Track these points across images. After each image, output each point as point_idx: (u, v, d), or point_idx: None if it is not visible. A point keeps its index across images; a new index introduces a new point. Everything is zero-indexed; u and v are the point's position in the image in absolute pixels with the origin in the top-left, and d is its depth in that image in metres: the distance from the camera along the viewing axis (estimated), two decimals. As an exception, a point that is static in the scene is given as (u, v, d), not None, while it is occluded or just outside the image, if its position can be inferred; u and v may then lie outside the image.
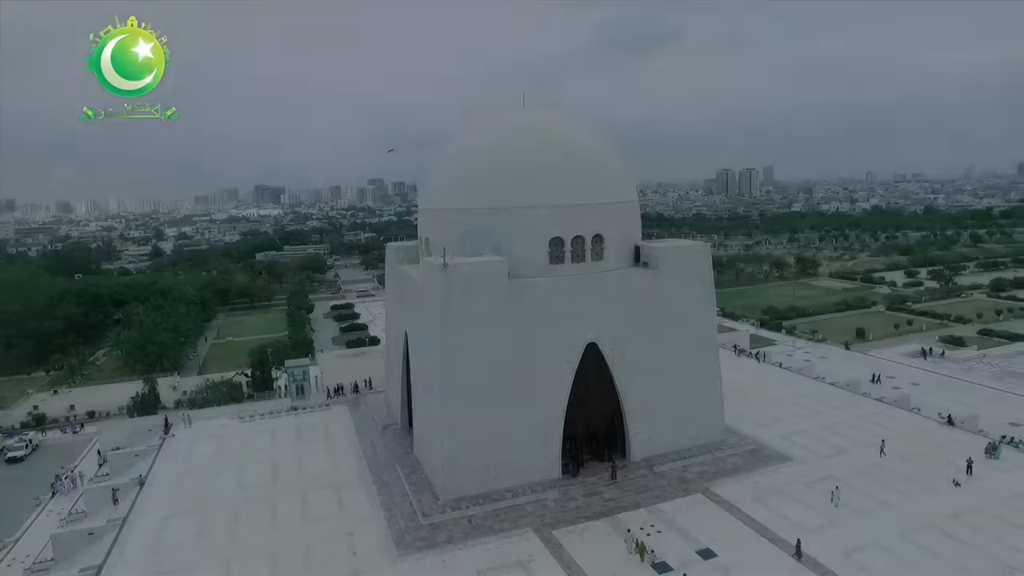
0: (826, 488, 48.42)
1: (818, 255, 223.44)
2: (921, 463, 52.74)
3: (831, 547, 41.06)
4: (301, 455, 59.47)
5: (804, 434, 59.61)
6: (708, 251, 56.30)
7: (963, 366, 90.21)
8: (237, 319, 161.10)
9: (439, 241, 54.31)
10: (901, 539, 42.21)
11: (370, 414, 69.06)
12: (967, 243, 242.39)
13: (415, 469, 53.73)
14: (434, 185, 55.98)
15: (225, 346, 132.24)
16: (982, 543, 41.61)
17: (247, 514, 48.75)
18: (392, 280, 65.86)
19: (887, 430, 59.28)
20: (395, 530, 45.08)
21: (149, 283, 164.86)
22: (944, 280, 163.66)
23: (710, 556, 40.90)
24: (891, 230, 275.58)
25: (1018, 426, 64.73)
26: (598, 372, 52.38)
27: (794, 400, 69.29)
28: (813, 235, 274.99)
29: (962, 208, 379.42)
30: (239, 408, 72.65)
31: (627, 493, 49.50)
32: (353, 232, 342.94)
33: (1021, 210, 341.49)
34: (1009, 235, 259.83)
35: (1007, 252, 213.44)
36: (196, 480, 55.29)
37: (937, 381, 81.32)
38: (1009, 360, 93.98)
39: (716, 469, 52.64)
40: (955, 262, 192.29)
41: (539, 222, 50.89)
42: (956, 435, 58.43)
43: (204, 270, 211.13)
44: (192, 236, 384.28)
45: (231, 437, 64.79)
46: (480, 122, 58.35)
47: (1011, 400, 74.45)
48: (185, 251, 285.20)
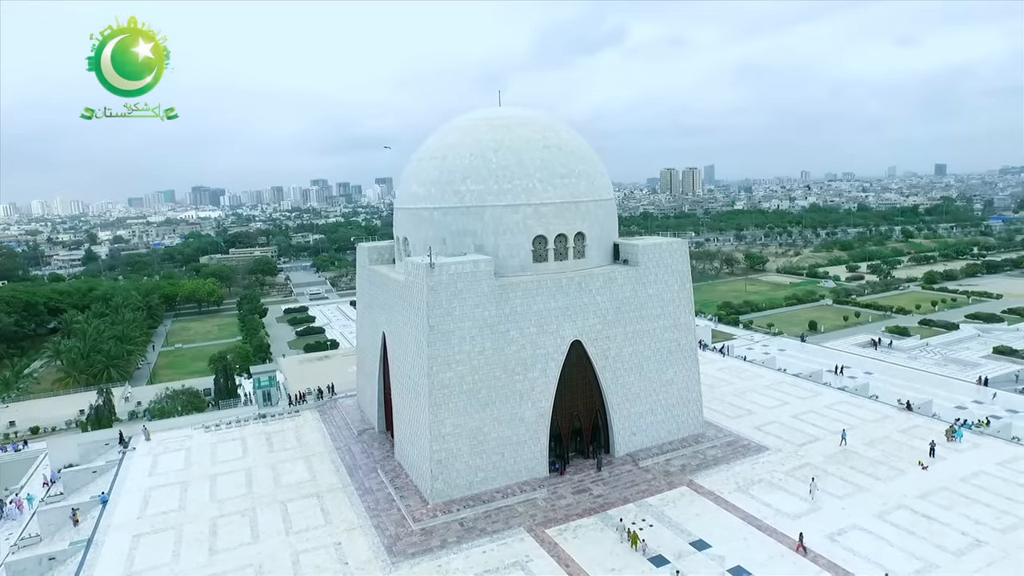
0: (804, 475, 50.12)
1: (764, 251, 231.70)
2: (888, 448, 55.28)
3: (816, 532, 42.46)
4: (276, 464, 57.41)
5: (776, 424, 61.53)
6: (686, 247, 57.36)
7: (910, 355, 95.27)
8: (185, 325, 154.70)
9: (418, 240, 53.48)
10: (879, 520, 44.11)
11: (343, 419, 67.30)
12: (899, 239, 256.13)
13: (398, 473, 52.66)
14: (412, 184, 54.93)
15: (176, 353, 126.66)
16: (951, 520, 43.97)
17: (225, 528, 46.65)
18: (365, 281, 64.34)
19: (853, 418, 61.96)
20: (386, 537, 44.02)
21: (87, 289, 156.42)
22: (883, 274, 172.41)
23: (704, 547, 41.65)
24: (830, 226, 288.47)
25: (964, 409, 68.68)
26: (582, 369, 52.64)
27: (762, 392, 71.45)
28: (758, 232, 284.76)
29: (891, 206, 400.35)
30: (203, 417, 69.48)
31: (615, 489, 49.88)
32: (301, 234, 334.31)
33: (942, 208, 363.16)
34: (935, 231, 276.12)
35: (935, 247, 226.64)
36: (165, 495, 52.57)
37: (888, 370, 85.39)
38: (949, 348, 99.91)
39: (698, 461, 53.67)
40: (890, 257, 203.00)
41: (523, 221, 50.72)
42: (915, 420, 61.49)
43: (146, 275, 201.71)
44: (128, 239, 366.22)
45: (198, 448, 61.94)
46: (456, 120, 57.61)
47: (955, 385, 79.07)
48: (122, 255, 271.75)
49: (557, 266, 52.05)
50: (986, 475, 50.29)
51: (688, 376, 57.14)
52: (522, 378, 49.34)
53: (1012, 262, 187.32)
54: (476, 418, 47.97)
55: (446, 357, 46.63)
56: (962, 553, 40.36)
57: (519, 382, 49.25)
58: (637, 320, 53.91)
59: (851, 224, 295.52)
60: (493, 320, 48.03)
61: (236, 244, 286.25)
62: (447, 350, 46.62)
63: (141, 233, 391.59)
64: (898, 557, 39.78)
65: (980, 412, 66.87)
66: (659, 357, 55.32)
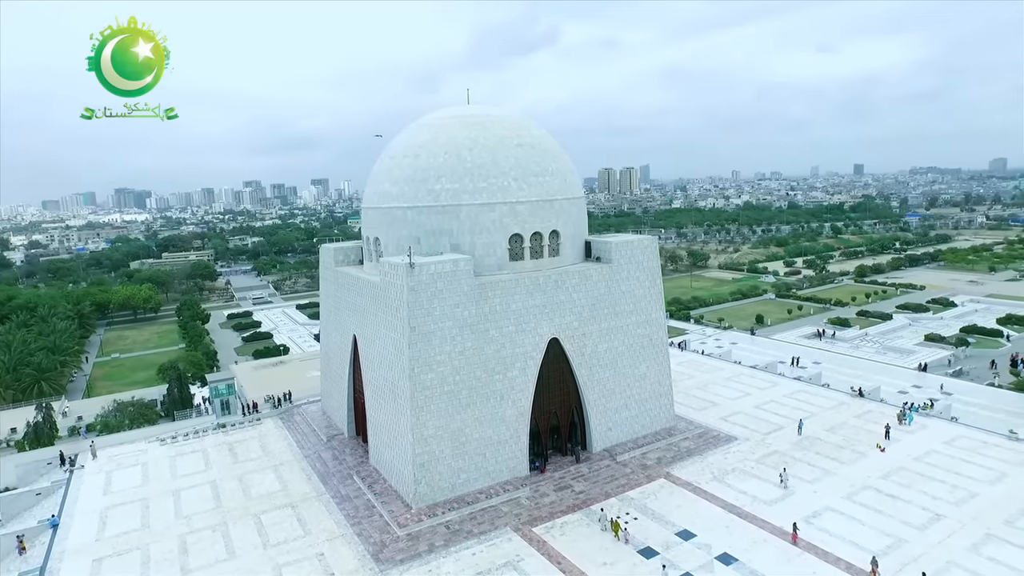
0: (774, 463, 52.06)
1: (705, 248, 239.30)
2: (847, 433, 58.08)
3: (792, 516, 44.12)
4: (243, 475, 55.02)
5: (741, 415, 63.62)
6: (656, 244, 58.50)
7: (852, 344, 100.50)
8: (120, 333, 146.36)
9: (392, 240, 52.47)
10: (848, 501, 46.29)
11: (308, 426, 65.21)
12: (829, 235, 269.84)
13: (376, 479, 51.45)
14: (383, 183, 53.74)
15: (113, 364, 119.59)
16: (912, 497, 46.68)
17: (197, 546, 44.33)
18: (331, 283, 62.52)
19: (811, 406, 64.79)
20: (371, 545, 42.89)
21: (5, 298, 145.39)
22: (818, 269, 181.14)
23: (689, 537, 42.56)
24: (764, 224, 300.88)
25: (906, 393, 72.93)
26: (559, 367, 52.90)
27: (723, 384, 73.72)
28: (698, 230, 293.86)
29: (818, 204, 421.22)
30: (157, 430, 65.78)
31: (595, 484, 50.34)
32: (239, 237, 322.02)
33: (864, 205, 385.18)
34: (860, 227, 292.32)
35: (862, 242, 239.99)
36: (125, 514, 49.45)
37: (834, 359, 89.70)
38: (885, 337, 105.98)
39: (672, 454, 54.85)
40: (823, 252, 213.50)
41: (499, 219, 50.51)
42: (868, 405, 64.88)
43: (71, 281, 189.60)
44: (47, 244, 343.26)
45: (155, 462, 58.65)
46: (426, 118, 56.77)
47: (896, 371, 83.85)
48: (42, 261, 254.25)
49: (533, 264, 52.10)
50: (936, 453, 53.62)
51: (660, 370, 58.32)
52: (502, 377, 49.13)
53: (930, 256, 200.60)
54: (458, 419, 47.44)
55: (427, 358, 45.89)
56: (925, 527, 42.86)
57: (499, 381, 49.01)
58: (611, 316, 54.60)
59: (784, 221, 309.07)
60: (473, 320, 47.61)
61: (170, 248, 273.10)
62: (428, 351, 45.88)
63: (61, 238, 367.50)
64: (870, 535, 41.83)
65: (921, 396, 71.16)
66: (632, 352, 56.22)
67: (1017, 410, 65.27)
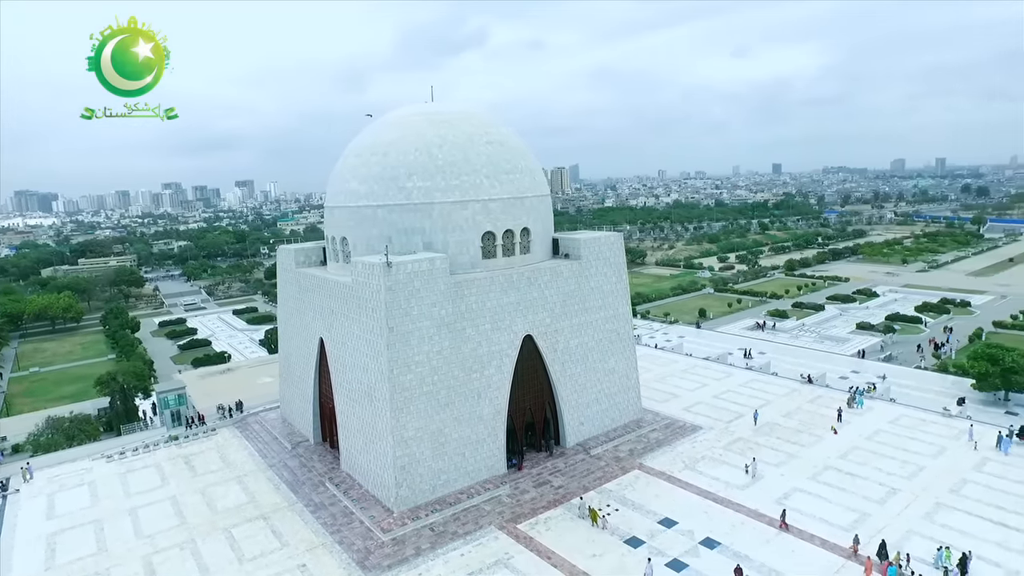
0: (740, 449, 54.20)
1: (641, 246, 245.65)
2: (803, 417, 61.13)
3: (764, 498, 46.12)
4: (204, 488, 52.32)
5: (702, 405, 65.81)
6: (622, 240, 59.61)
7: (791, 334, 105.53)
8: (37, 346, 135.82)
9: (361, 240, 51.21)
10: (813, 482, 48.76)
11: (268, 434, 62.71)
12: (757, 231, 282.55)
13: (351, 485, 50.06)
14: (350, 181, 52.30)
15: (33, 378, 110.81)
16: (869, 473, 49.68)
17: (164, 566, 41.81)
18: (291, 285, 60.31)
19: (767, 394, 67.79)
20: (354, 552, 41.70)
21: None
22: (751, 263, 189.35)
23: (671, 524, 43.67)
24: (695, 221, 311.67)
25: (846, 378, 77.35)
26: (532, 363, 53.11)
27: (680, 376, 76.01)
28: (633, 228, 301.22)
29: (743, 202, 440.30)
30: (101, 446, 61.50)
31: (573, 478, 50.85)
32: (163, 241, 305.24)
33: (787, 203, 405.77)
34: (784, 223, 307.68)
35: (788, 238, 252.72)
36: (76, 538, 46.01)
37: (777, 349, 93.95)
38: (821, 326, 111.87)
39: (643, 445, 56.09)
40: (753, 247, 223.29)
41: (472, 217, 50.19)
42: (818, 391, 68.50)
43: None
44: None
45: (104, 481, 54.87)
46: (391, 116, 55.68)
47: (834, 359, 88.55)
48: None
49: (505, 262, 52.06)
50: (884, 432, 57.27)
51: (627, 364, 59.51)
52: (479, 375, 48.86)
53: (850, 249, 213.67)
54: (437, 419, 46.83)
55: (406, 359, 45.05)
56: (884, 501, 45.71)
57: (476, 380, 48.72)
58: (581, 312, 55.28)
59: (713, 219, 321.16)
60: (450, 319, 47.11)
61: (87, 254, 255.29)
62: (407, 352, 45.05)
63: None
64: (838, 511, 44.22)
65: (861, 380, 75.67)
66: (601, 347, 57.11)
67: (943, 389, 70.34)
